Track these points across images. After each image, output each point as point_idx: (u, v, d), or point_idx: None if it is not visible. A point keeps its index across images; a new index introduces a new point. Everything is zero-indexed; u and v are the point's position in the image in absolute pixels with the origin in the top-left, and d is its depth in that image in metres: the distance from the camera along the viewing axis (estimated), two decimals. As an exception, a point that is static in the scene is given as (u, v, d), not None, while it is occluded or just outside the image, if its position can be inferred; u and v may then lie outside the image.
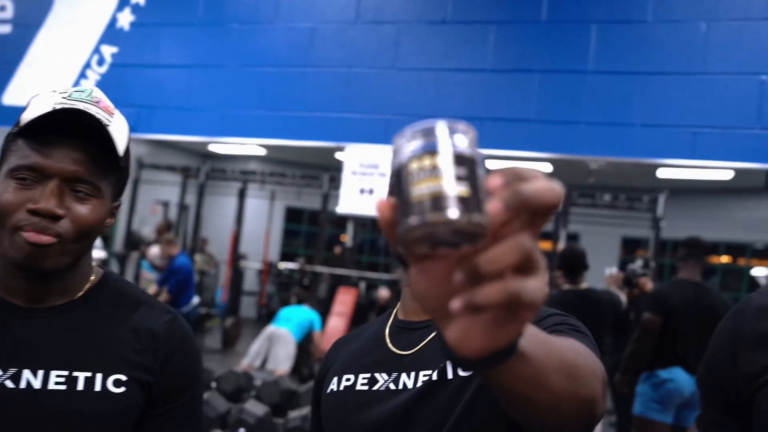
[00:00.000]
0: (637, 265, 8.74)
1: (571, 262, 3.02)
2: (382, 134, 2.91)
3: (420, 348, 1.12)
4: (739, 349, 0.83)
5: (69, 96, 1.02)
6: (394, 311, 1.19)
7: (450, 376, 1.08)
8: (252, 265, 9.49)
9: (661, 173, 8.20)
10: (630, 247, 11.28)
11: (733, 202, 10.24)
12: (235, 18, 3.15)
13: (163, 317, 1.08)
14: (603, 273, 5.68)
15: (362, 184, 3.04)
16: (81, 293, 1.07)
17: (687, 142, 2.68)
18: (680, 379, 2.88)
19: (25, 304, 1.02)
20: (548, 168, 6.23)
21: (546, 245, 8.22)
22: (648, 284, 4.19)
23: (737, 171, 2.83)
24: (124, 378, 1.02)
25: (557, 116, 2.79)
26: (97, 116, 1.00)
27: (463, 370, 0.73)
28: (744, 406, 0.89)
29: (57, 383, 1.02)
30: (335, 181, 8.32)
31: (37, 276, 1.00)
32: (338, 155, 3.45)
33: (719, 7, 2.65)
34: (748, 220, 10.26)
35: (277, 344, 5.76)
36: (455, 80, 2.91)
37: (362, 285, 8.18)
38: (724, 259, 12.04)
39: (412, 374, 1.09)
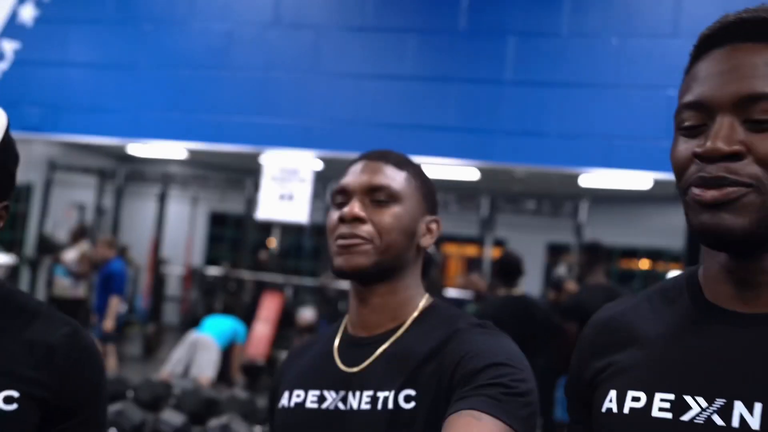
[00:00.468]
0: (562, 269, 8.97)
1: (508, 269, 3.08)
2: (302, 139, 2.88)
3: (366, 366, 1.08)
4: (582, 359, 0.90)
5: None
6: (344, 321, 1.16)
7: (391, 406, 1.06)
8: (174, 271, 9.27)
9: (583, 181, 8.48)
10: (555, 252, 11.60)
11: (652, 210, 10.68)
12: (148, 17, 3.05)
13: (61, 329, 1.02)
14: (531, 277, 5.81)
15: (282, 190, 2.99)
16: None
17: (602, 151, 2.77)
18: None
19: None
20: (476, 175, 6.35)
21: (473, 251, 8.34)
22: (573, 288, 4.29)
23: (655, 180, 2.93)
24: (16, 394, 0.97)
25: (476, 125, 2.82)
26: None
27: None
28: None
29: None
30: (258, 185, 8.21)
31: None
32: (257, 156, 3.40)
33: (630, 23, 2.75)
34: (665, 227, 10.72)
35: (200, 351, 5.65)
36: (375, 87, 2.91)
37: (288, 290, 8.12)
38: (644, 264, 12.54)
39: (357, 393, 1.06)
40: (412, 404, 1.03)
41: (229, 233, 12.76)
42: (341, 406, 1.07)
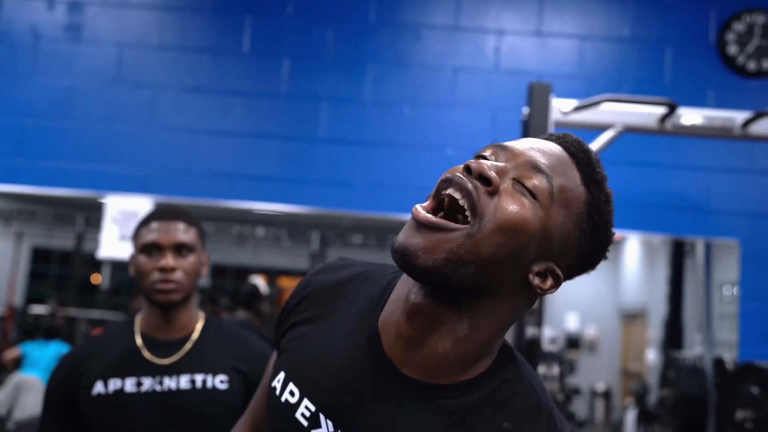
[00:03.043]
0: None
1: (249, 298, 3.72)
2: (141, 185, 3.21)
3: (175, 360, 1.53)
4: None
5: None
6: (136, 326, 1.58)
7: (210, 386, 1.51)
8: (-6, 310, 8.77)
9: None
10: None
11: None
12: (-9, 69, 3.27)
13: None
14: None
15: (123, 231, 3.29)
16: None
17: (397, 199, 3.35)
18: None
19: None
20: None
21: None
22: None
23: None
24: None
25: (295, 175, 3.31)
26: None
27: None
28: None
29: None
30: (90, 221, 8.15)
31: None
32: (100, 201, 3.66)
33: (418, 94, 3.38)
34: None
35: (24, 392, 5.53)
36: (208, 141, 3.32)
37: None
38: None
39: (174, 378, 1.52)
40: (225, 386, 1.52)
41: (54, 270, 12.21)
42: (157, 388, 1.49)
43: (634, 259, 13.38)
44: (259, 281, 4.30)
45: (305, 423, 0.83)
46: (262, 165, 3.31)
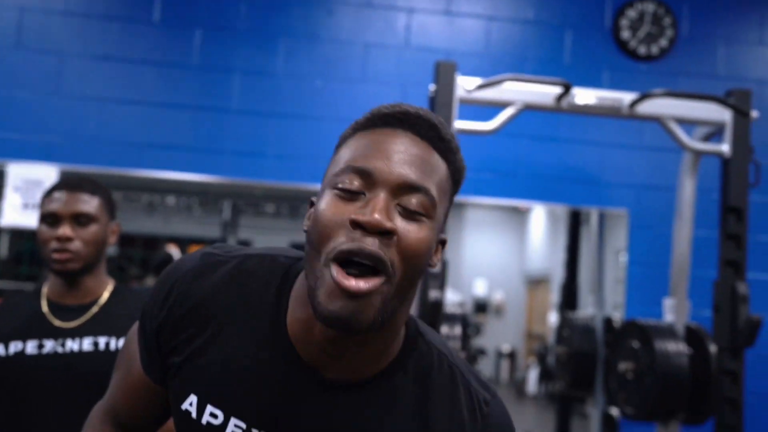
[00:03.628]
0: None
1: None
2: (44, 154, 3.15)
3: (79, 323, 1.58)
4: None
5: None
6: (43, 292, 1.62)
7: (113, 348, 1.56)
8: None
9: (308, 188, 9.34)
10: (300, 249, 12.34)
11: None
12: None
13: None
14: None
15: (26, 199, 3.22)
16: None
17: (308, 170, 3.42)
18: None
19: None
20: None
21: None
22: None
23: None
24: None
25: (205, 145, 3.33)
26: None
27: None
28: None
29: None
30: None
31: None
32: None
33: (330, 69, 3.45)
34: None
35: None
36: (117, 110, 3.27)
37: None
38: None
39: (77, 340, 1.56)
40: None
41: (-52, 240, 11.57)
42: (59, 350, 1.55)
43: (539, 228, 14.01)
44: (174, 250, 4.30)
45: None
46: (174, 134, 3.30)
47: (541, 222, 13.95)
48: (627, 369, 2.85)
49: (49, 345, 1.55)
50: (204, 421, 0.85)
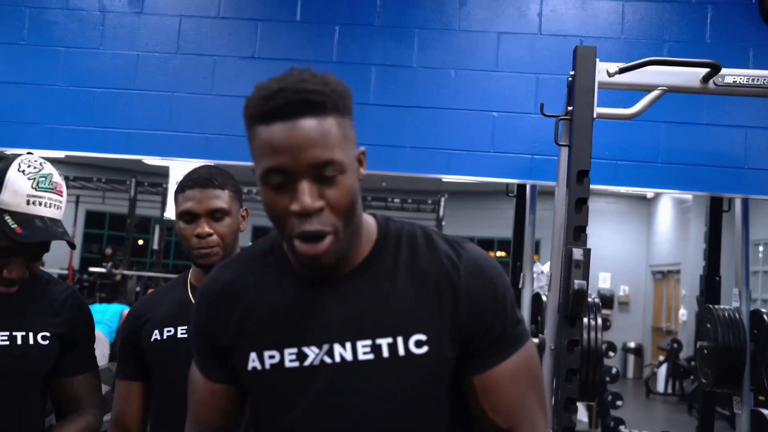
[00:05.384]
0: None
1: None
2: (203, 151, 3.41)
3: None
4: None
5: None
6: (188, 279, 1.80)
7: None
8: (53, 272, 9.21)
9: (446, 177, 9.41)
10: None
11: (498, 203, 11.85)
12: (61, 42, 3.46)
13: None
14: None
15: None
16: None
17: (443, 161, 3.49)
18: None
19: None
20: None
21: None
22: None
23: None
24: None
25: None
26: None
27: None
28: None
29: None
30: (142, 185, 8.44)
31: None
32: (151, 163, 3.84)
33: (463, 59, 3.50)
34: (508, 219, 11.91)
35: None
36: (264, 106, 3.47)
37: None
38: (500, 253, 13.70)
39: None
40: None
41: (106, 232, 12.61)
42: None
43: (666, 219, 13.32)
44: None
45: (297, 364, 1.04)
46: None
47: (668, 212, 13.29)
48: (783, 364, 2.73)
49: None
50: (267, 365, 1.06)
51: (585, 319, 2.82)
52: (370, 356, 1.01)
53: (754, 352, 3.48)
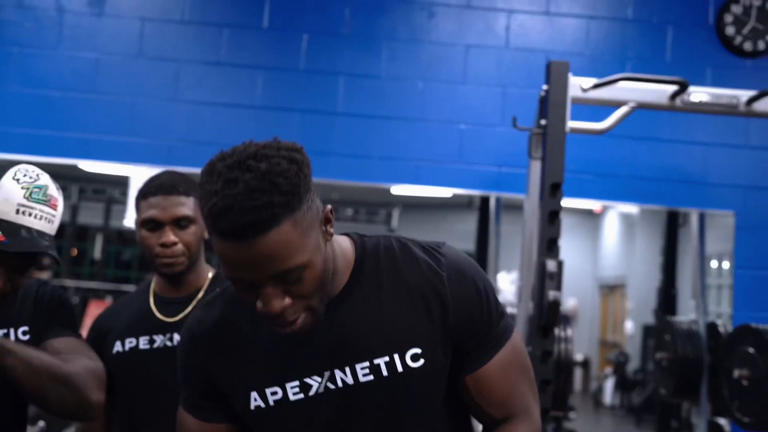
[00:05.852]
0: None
1: None
2: (165, 157, 3.30)
3: (182, 316, 1.64)
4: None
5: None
6: (151, 287, 1.70)
7: None
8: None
9: (395, 190, 9.40)
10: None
11: (452, 216, 11.89)
12: (15, 42, 3.30)
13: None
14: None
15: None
16: None
17: (411, 171, 3.47)
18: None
19: None
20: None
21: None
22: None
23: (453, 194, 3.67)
24: None
25: (314, 148, 3.41)
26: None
27: None
28: None
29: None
30: (84, 193, 8.16)
31: None
32: (121, 172, 3.72)
33: (431, 71, 3.49)
34: (463, 231, 11.96)
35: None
36: (229, 114, 3.40)
37: (110, 298, 8.07)
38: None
39: (175, 335, 1.62)
40: None
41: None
42: (168, 344, 1.61)
43: (612, 232, 13.61)
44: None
45: (302, 395, 1.04)
46: (282, 137, 3.39)
47: (614, 226, 13.61)
48: (741, 376, 2.78)
49: (159, 340, 1.63)
50: (271, 402, 1.04)
51: (556, 330, 2.82)
52: (371, 377, 1.03)
53: (711, 364, 3.55)
